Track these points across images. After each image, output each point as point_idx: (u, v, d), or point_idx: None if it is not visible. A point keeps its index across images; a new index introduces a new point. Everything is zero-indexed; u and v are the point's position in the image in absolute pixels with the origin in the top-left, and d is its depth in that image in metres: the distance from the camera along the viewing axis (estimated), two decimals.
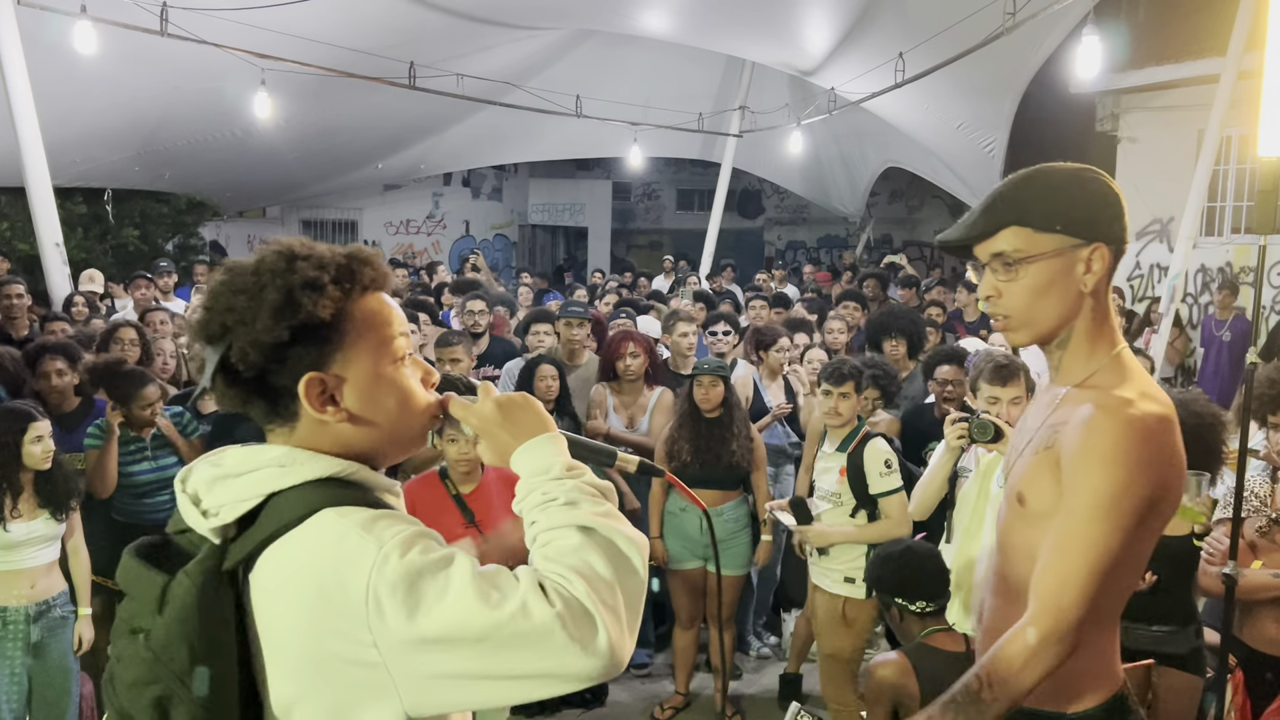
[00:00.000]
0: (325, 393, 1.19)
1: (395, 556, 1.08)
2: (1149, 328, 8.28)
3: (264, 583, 1.13)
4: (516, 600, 1.07)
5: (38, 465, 3.47)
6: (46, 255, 7.26)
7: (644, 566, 1.18)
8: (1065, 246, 1.64)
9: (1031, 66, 9.14)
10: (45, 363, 4.34)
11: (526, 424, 1.28)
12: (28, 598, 3.47)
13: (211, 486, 1.18)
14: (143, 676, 1.11)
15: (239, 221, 17.61)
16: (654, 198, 23.80)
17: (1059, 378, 1.75)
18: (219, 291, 1.19)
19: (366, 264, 1.24)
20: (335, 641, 1.08)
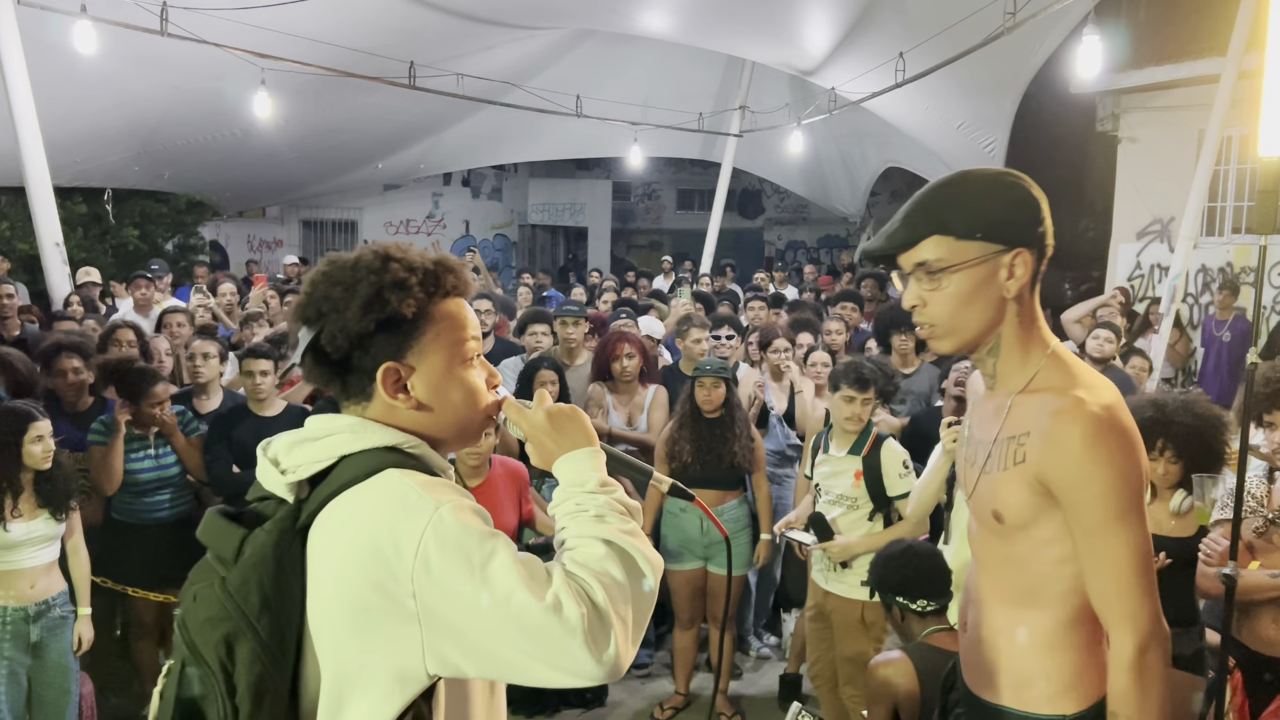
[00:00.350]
0: (399, 381, 1.33)
1: (450, 517, 1.19)
2: (1150, 329, 8.27)
3: (323, 534, 1.24)
4: (551, 592, 1.16)
5: (38, 465, 3.47)
6: (46, 255, 7.26)
7: (656, 586, 1.27)
8: (987, 254, 1.64)
9: (1032, 66, 9.14)
10: (62, 360, 4.35)
11: (572, 435, 1.40)
12: (27, 598, 3.46)
13: (291, 449, 1.30)
14: (215, 614, 1.21)
15: (239, 221, 17.62)
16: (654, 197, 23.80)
17: (999, 385, 1.75)
18: (319, 280, 1.34)
19: (451, 272, 1.37)
20: (378, 593, 1.17)
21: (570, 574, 1.20)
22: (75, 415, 4.35)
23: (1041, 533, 1.67)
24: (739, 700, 4.70)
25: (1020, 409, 1.69)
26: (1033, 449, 1.63)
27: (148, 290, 7.54)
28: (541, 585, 1.16)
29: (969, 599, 1.87)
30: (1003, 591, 1.76)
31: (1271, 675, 2.81)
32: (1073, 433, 1.59)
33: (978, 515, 1.80)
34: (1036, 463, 1.63)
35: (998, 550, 1.75)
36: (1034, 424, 1.64)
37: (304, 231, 18.91)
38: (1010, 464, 1.68)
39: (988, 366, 1.75)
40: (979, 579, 1.83)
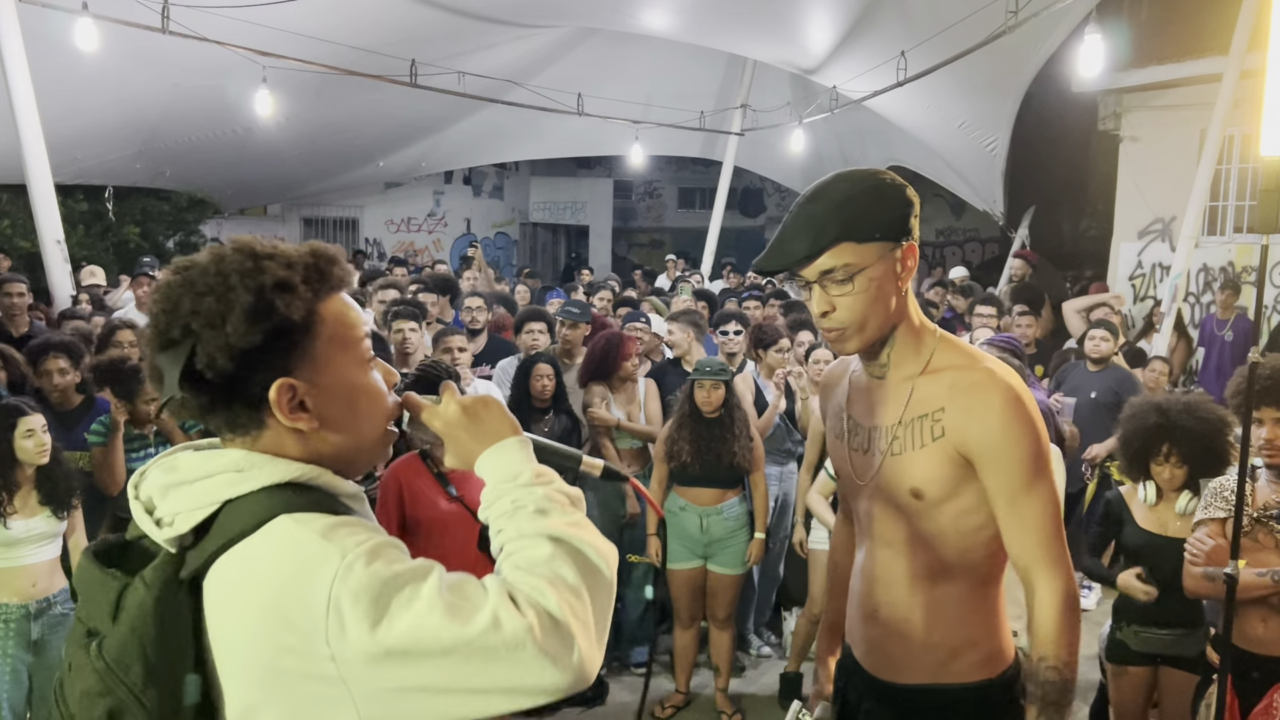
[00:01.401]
0: (295, 398, 1.14)
1: (360, 565, 1.03)
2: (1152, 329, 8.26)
3: (216, 593, 1.08)
4: (488, 612, 1.03)
5: (32, 460, 3.46)
6: (47, 252, 7.26)
7: (613, 578, 1.15)
8: (885, 251, 1.72)
9: (1034, 65, 9.12)
10: (48, 360, 4.34)
11: (492, 426, 1.24)
12: (29, 595, 3.47)
13: (165, 494, 1.13)
14: (94, 687, 1.07)
15: (240, 219, 17.60)
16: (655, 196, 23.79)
17: (894, 373, 1.82)
18: (176, 293, 1.12)
19: (334, 262, 1.19)
20: (290, 657, 1.03)
21: (512, 584, 1.07)
22: (62, 415, 4.31)
23: (961, 503, 1.76)
24: (739, 699, 4.70)
25: (925, 389, 1.77)
26: (951, 422, 1.72)
27: (149, 288, 7.53)
28: (479, 606, 1.03)
29: (872, 586, 1.89)
30: (918, 568, 1.82)
31: (1260, 673, 2.82)
32: (992, 402, 1.69)
33: (883, 498, 1.83)
34: (957, 434, 1.72)
35: (910, 529, 1.81)
36: (947, 400, 1.73)
37: (305, 229, 18.89)
38: (928, 440, 1.75)
39: (881, 356, 1.82)
40: (886, 563, 1.86)
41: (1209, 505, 3.05)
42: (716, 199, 14.07)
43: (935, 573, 1.81)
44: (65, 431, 4.27)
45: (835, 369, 2.08)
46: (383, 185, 18.49)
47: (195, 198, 14.45)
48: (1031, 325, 6.75)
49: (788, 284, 8.10)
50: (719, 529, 4.39)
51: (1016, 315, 6.87)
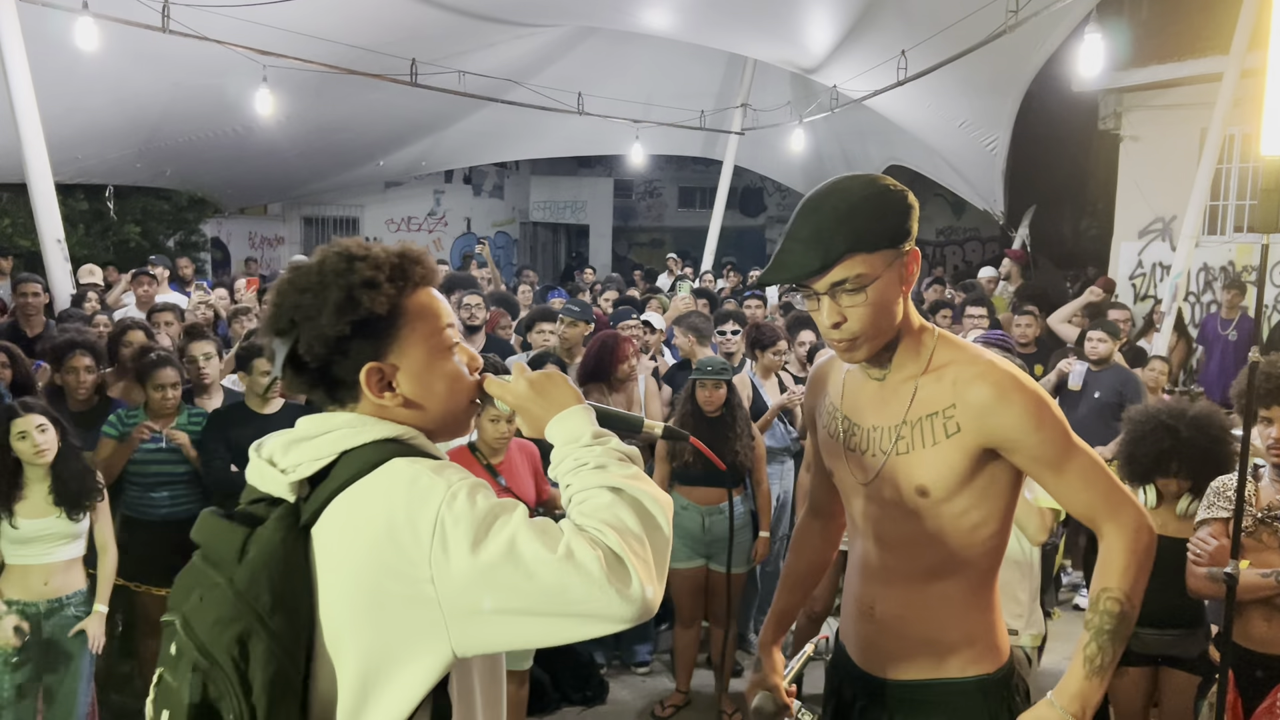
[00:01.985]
0: (383, 379, 1.33)
1: (463, 494, 1.20)
2: (1153, 328, 8.26)
3: (331, 529, 1.24)
4: (564, 543, 1.18)
5: (30, 461, 3.45)
6: (48, 252, 7.26)
7: (668, 523, 1.28)
8: (892, 259, 1.73)
9: (1034, 65, 9.12)
10: (75, 358, 4.35)
11: (558, 397, 1.41)
12: (39, 594, 3.46)
13: (288, 449, 1.30)
14: (226, 614, 1.20)
15: (240, 218, 17.62)
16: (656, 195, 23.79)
17: (892, 374, 1.84)
18: (286, 290, 1.33)
19: (417, 262, 1.37)
20: (394, 581, 1.18)
21: (579, 525, 1.22)
22: (79, 415, 4.35)
23: (964, 500, 1.78)
24: (740, 698, 4.70)
25: (930, 388, 1.79)
26: (967, 417, 1.74)
27: (150, 288, 7.55)
28: (553, 541, 1.18)
29: (869, 584, 1.91)
30: (917, 567, 1.84)
31: (1264, 672, 2.83)
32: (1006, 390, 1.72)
33: (885, 497, 1.84)
34: (977, 428, 1.73)
35: (912, 527, 1.82)
36: (955, 396, 1.75)
37: (305, 229, 18.91)
38: (941, 437, 1.76)
39: (882, 359, 1.82)
40: (885, 562, 1.88)
41: (1211, 505, 3.05)
42: (717, 198, 14.07)
43: (935, 570, 1.83)
44: (83, 431, 4.28)
45: (824, 366, 2.07)
46: (383, 184, 18.50)
47: (196, 197, 14.46)
48: (1032, 325, 6.75)
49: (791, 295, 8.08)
50: (720, 528, 4.39)
51: (1017, 315, 6.88)
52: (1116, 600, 1.72)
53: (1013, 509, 1.85)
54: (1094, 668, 1.72)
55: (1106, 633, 1.72)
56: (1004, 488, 1.81)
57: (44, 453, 3.47)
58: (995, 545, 1.84)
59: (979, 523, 1.80)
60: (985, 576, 1.86)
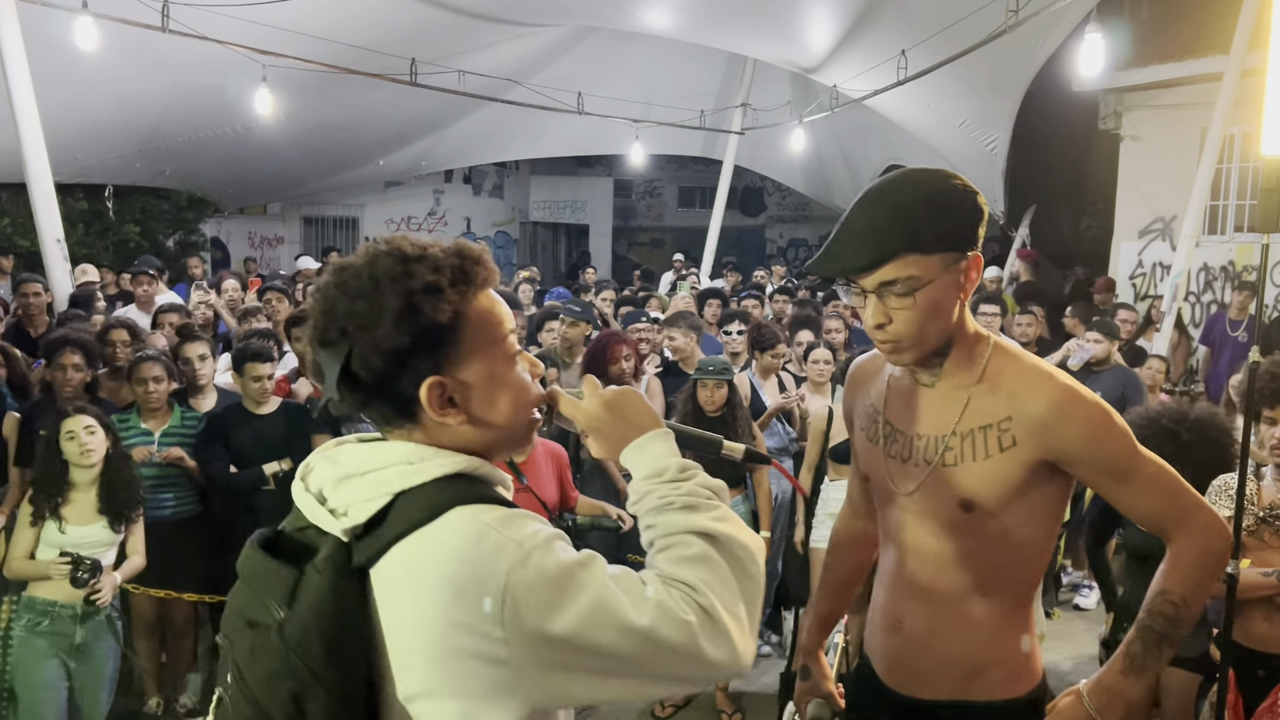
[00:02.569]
0: (445, 395, 1.18)
1: (536, 556, 1.09)
2: (1152, 326, 8.26)
3: (393, 578, 1.12)
4: (653, 605, 1.09)
5: (77, 462, 3.42)
6: (47, 251, 7.25)
7: (761, 570, 1.19)
8: (950, 263, 1.62)
9: (1034, 64, 9.12)
10: (64, 354, 4.33)
11: (635, 419, 1.29)
12: (74, 596, 3.42)
13: (338, 486, 1.17)
14: (278, 669, 1.10)
15: (240, 218, 17.62)
16: (655, 195, 23.80)
17: (944, 381, 1.74)
18: (333, 295, 1.17)
19: (478, 263, 1.23)
20: (465, 637, 1.08)
21: (669, 580, 1.12)
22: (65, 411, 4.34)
23: (1011, 516, 1.69)
24: (739, 697, 4.70)
25: (984, 399, 1.70)
26: (1025, 431, 1.65)
27: (150, 288, 7.54)
28: (640, 604, 1.09)
29: (898, 597, 1.83)
30: (953, 583, 1.75)
31: (1265, 671, 2.82)
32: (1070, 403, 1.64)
33: (923, 508, 1.75)
34: (1035, 443, 1.65)
35: (951, 542, 1.74)
36: (1015, 409, 1.66)
37: (305, 228, 18.92)
38: (994, 450, 1.67)
39: (932, 365, 1.73)
40: (917, 576, 1.79)
41: (1213, 504, 3.05)
42: (717, 198, 14.06)
43: (971, 587, 1.74)
44: None
45: (867, 365, 1.96)
46: (383, 184, 18.50)
47: (195, 196, 14.46)
48: (1033, 324, 6.75)
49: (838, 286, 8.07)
50: None
51: (1017, 315, 6.88)
52: (1172, 603, 1.65)
53: (1058, 525, 1.77)
54: (1133, 665, 1.66)
55: (1155, 633, 1.66)
56: (1054, 504, 1.72)
57: (90, 454, 3.43)
58: (1038, 563, 1.76)
59: (1025, 540, 1.72)
60: (1024, 595, 1.78)
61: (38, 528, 3.42)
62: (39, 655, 3.38)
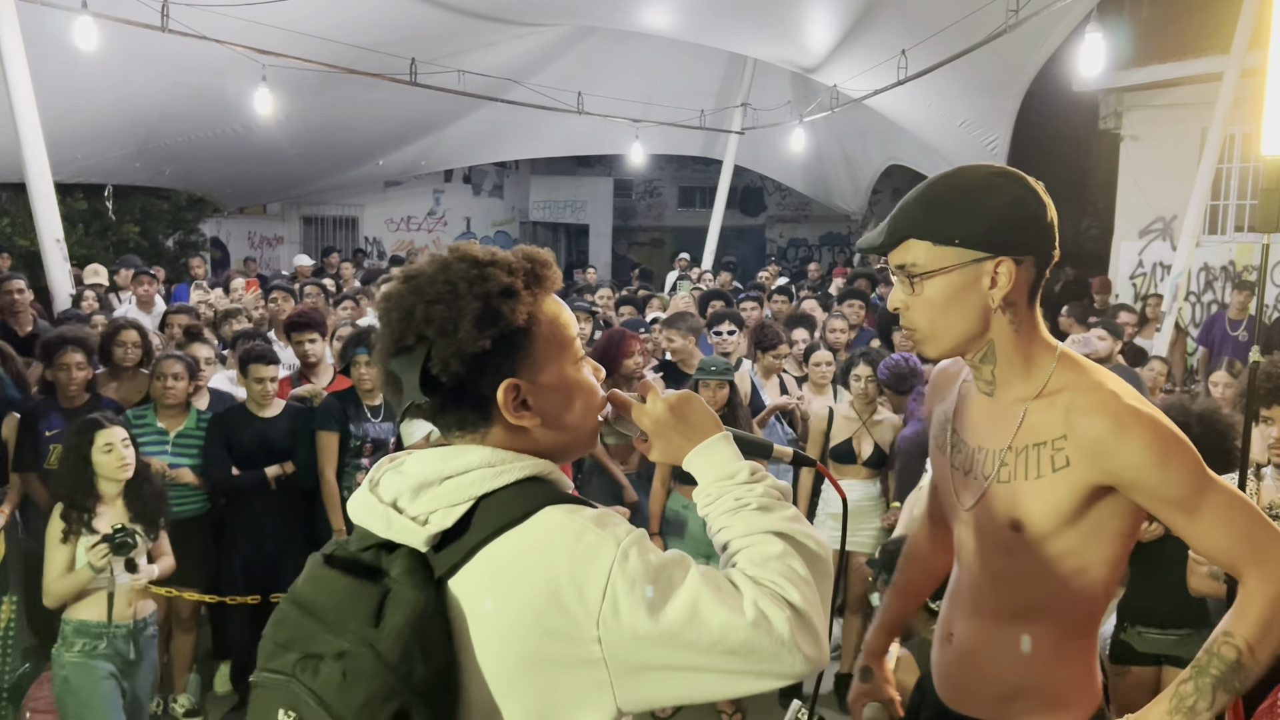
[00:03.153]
0: (519, 397, 1.20)
1: (634, 553, 1.10)
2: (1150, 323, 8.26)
3: (479, 586, 1.13)
4: (749, 604, 1.10)
5: (113, 475, 3.33)
6: (47, 251, 7.25)
7: (831, 569, 1.21)
8: (965, 260, 1.56)
9: (1034, 64, 9.12)
10: (66, 354, 4.32)
11: (699, 424, 1.29)
12: (123, 615, 3.34)
13: (417, 494, 1.16)
14: (379, 692, 1.07)
15: (240, 218, 17.61)
16: (655, 195, 23.78)
17: (999, 392, 1.67)
18: (410, 301, 1.18)
19: (547, 266, 1.25)
20: (556, 642, 1.09)
21: (757, 580, 1.13)
22: (69, 410, 4.34)
23: (1064, 541, 1.61)
24: (740, 698, 4.70)
25: (1040, 415, 1.61)
26: (1079, 452, 1.56)
27: (150, 287, 7.55)
28: (737, 601, 1.10)
29: (954, 610, 1.80)
30: (1004, 605, 1.70)
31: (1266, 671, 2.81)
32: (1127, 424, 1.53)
33: (981, 526, 1.70)
34: (1090, 465, 1.55)
35: (1001, 562, 1.68)
36: (1067, 427, 1.57)
37: (305, 228, 18.91)
38: (1046, 470, 1.59)
39: (984, 373, 1.67)
40: (971, 591, 1.75)
41: None
42: (717, 198, 14.07)
43: (1020, 612, 1.67)
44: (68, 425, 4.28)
45: (949, 369, 1.88)
46: (382, 184, 18.49)
47: (195, 196, 14.45)
48: None
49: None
50: None
51: None
52: (1236, 648, 1.53)
53: (1121, 560, 1.64)
54: (1183, 708, 1.55)
55: (1211, 677, 1.54)
56: (1115, 532, 1.61)
57: (128, 467, 3.35)
58: (1096, 594, 1.64)
59: (1080, 568, 1.61)
60: (1079, 627, 1.68)
61: (70, 544, 3.29)
62: (97, 678, 3.27)
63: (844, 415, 4.71)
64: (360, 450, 4.43)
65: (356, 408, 4.46)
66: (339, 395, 4.57)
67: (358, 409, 4.45)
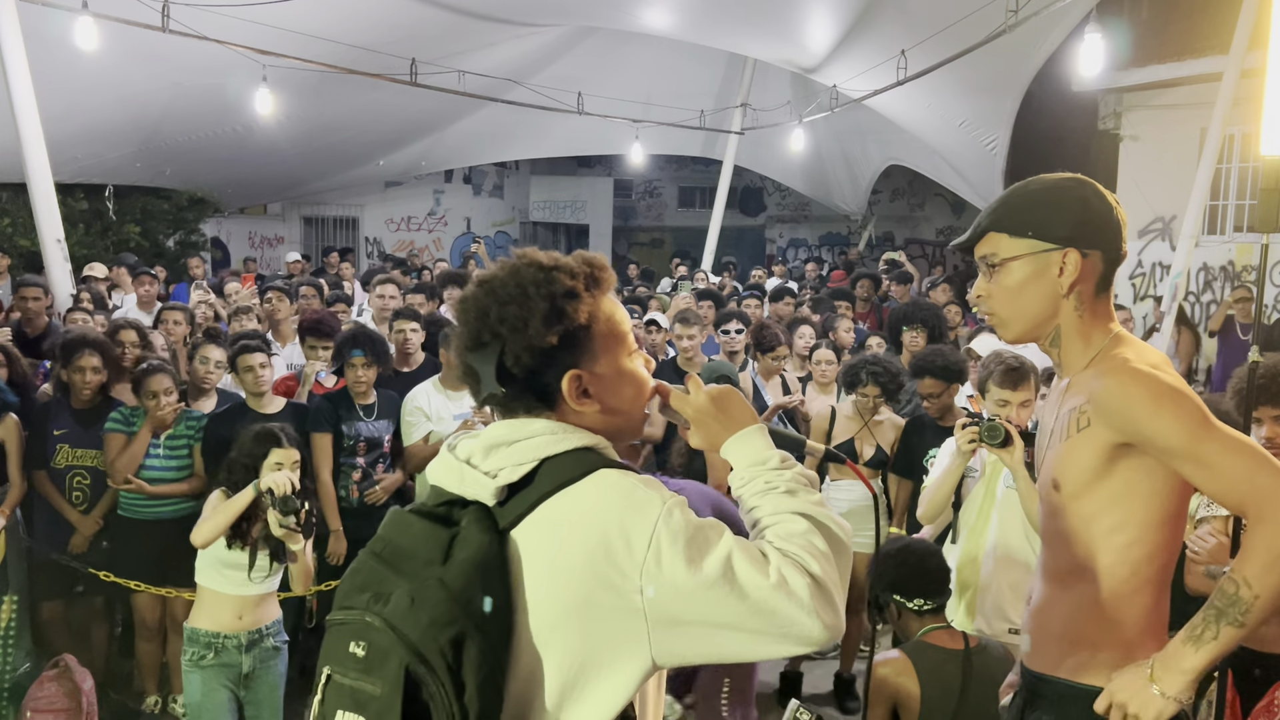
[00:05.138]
0: (581, 386, 1.35)
1: (678, 511, 1.24)
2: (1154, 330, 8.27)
3: (537, 535, 1.26)
4: (774, 569, 1.22)
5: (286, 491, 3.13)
6: (48, 251, 7.26)
7: (851, 551, 1.33)
8: (1036, 250, 1.79)
9: (1034, 64, 9.12)
10: (83, 356, 4.34)
11: (737, 415, 1.43)
12: (235, 626, 3.27)
13: (488, 453, 1.31)
14: (442, 616, 1.19)
15: (240, 218, 17.62)
16: (655, 195, 23.77)
17: (1063, 371, 1.90)
18: (485, 302, 1.34)
19: (604, 269, 1.40)
20: (604, 590, 1.21)
21: (782, 550, 1.25)
22: (81, 412, 4.36)
23: (1094, 502, 1.76)
24: None
25: (1079, 384, 1.82)
26: (1095, 411, 1.73)
27: (151, 287, 7.55)
28: (764, 564, 1.22)
29: (1037, 576, 1.96)
30: (1056, 565, 1.86)
31: (1261, 670, 2.82)
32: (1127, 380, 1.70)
33: (1041, 490, 1.92)
34: (1103, 420, 1.72)
35: (1050, 524, 1.86)
36: (1090, 391, 1.75)
37: (305, 228, 18.91)
38: (1074, 431, 1.78)
39: (1054, 355, 1.89)
40: (1046, 558, 1.92)
41: (1212, 503, 3.05)
42: (717, 198, 14.07)
43: (1069, 571, 1.82)
44: (83, 430, 4.30)
45: None
46: (383, 184, 18.49)
47: (195, 196, 14.45)
48: None
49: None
50: None
51: None
52: (1235, 582, 1.62)
53: (1165, 522, 1.76)
54: (1190, 636, 1.65)
55: (1214, 609, 1.63)
56: (1149, 492, 1.74)
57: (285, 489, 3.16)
58: (1134, 556, 1.75)
59: (1112, 528, 1.76)
60: (1124, 587, 1.77)
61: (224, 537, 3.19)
62: (207, 688, 3.24)
63: (846, 415, 4.71)
64: (354, 450, 4.44)
65: (349, 408, 4.46)
66: (330, 396, 4.58)
67: (350, 409, 4.46)
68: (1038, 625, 1.91)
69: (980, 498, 3.29)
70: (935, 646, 2.79)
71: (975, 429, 3.11)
